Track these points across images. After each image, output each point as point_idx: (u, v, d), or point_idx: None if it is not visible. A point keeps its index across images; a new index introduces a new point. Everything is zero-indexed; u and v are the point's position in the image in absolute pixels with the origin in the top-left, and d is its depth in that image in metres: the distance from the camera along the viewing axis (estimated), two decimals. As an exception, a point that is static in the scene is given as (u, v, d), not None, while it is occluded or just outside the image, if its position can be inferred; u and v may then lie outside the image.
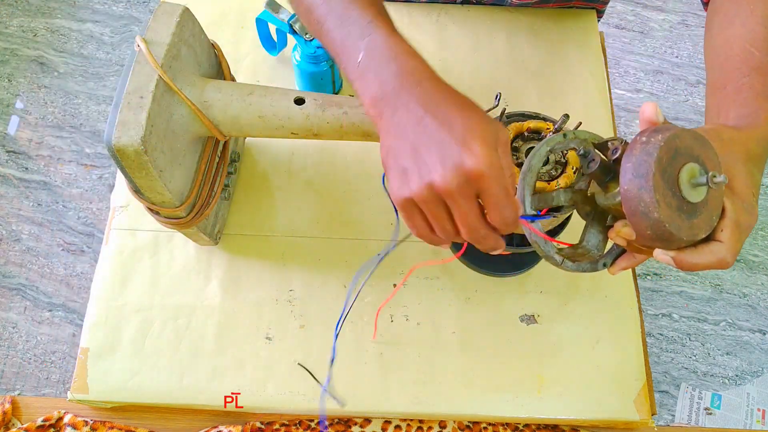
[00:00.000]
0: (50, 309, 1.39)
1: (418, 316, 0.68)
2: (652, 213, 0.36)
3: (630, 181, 0.37)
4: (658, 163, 0.36)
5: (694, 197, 0.38)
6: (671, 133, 0.38)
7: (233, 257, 0.70)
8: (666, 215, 0.36)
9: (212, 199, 0.63)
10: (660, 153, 0.37)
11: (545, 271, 0.70)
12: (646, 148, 0.37)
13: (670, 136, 0.37)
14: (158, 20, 0.54)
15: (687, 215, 0.38)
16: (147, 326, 0.67)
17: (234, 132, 0.57)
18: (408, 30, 0.84)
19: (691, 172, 0.38)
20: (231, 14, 0.85)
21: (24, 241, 1.46)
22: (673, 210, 0.37)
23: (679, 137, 0.38)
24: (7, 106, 1.61)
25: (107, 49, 1.70)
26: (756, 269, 1.48)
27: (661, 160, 0.37)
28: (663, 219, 0.36)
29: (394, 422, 0.65)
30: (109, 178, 1.53)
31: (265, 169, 0.75)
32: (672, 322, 1.42)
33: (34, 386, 1.32)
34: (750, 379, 1.37)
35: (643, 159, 0.37)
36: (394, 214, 0.73)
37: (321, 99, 0.55)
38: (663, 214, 0.36)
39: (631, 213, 0.38)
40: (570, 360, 0.66)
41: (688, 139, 0.38)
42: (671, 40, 1.77)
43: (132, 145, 0.49)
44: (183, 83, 0.54)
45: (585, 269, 0.46)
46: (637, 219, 0.37)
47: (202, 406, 0.64)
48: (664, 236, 0.37)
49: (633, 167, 0.37)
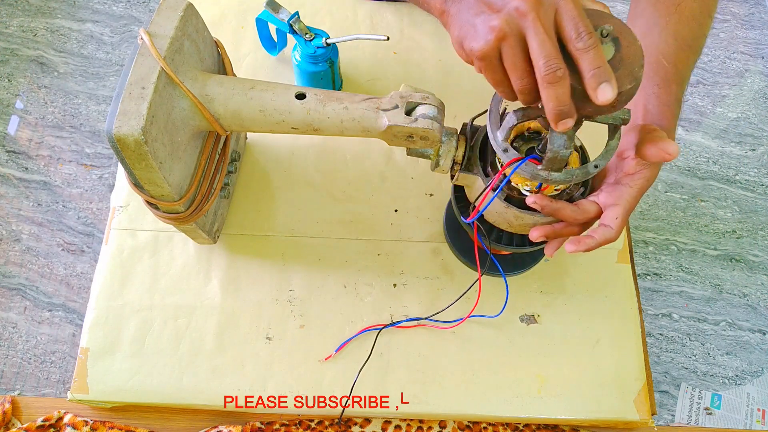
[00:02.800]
0: (50, 309, 1.39)
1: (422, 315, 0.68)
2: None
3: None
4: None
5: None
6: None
7: (233, 257, 0.70)
8: (574, 79, 0.40)
9: (211, 196, 0.63)
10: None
11: (545, 271, 0.71)
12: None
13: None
14: (162, 14, 0.54)
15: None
16: (147, 326, 0.67)
17: (235, 126, 0.57)
18: (408, 30, 0.84)
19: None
20: (231, 14, 0.85)
21: (24, 241, 1.46)
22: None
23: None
24: (7, 106, 1.61)
25: (107, 49, 1.70)
26: (756, 269, 1.48)
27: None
28: (573, 83, 0.40)
29: (394, 422, 0.65)
30: (109, 178, 1.53)
31: (266, 169, 0.75)
32: (672, 322, 1.42)
33: (34, 386, 1.32)
34: (750, 379, 1.37)
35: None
36: (394, 214, 0.73)
37: (322, 94, 0.55)
38: (572, 79, 0.40)
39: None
40: (570, 360, 0.66)
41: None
42: (671, 40, 1.77)
43: (132, 135, 0.49)
44: (185, 76, 0.54)
45: (575, 175, 0.48)
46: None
47: (202, 406, 0.64)
48: (583, 97, 0.40)
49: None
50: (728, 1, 1.85)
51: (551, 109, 0.41)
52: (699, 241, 1.51)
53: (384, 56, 0.83)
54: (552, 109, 0.41)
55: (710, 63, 1.75)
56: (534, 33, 0.40)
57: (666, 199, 1.56)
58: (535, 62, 0.40)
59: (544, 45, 0.39)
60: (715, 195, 1.57)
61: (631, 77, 0.41)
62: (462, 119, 0.59)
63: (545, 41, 0.39)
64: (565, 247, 0.51)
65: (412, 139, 0.53)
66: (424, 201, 0.74)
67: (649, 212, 1.54)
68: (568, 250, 0.50)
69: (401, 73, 0.82)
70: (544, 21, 0.39)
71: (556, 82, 0.40)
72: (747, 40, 1.79)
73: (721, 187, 1.58)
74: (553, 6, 0.40)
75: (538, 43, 0.40)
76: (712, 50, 1.76)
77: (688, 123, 1.65)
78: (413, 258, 0.71)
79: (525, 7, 0.39)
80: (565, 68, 0.40)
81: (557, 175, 0.47)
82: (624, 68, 0.41)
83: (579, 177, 0.48)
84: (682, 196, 1.56)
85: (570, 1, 0.40)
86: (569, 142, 0.45)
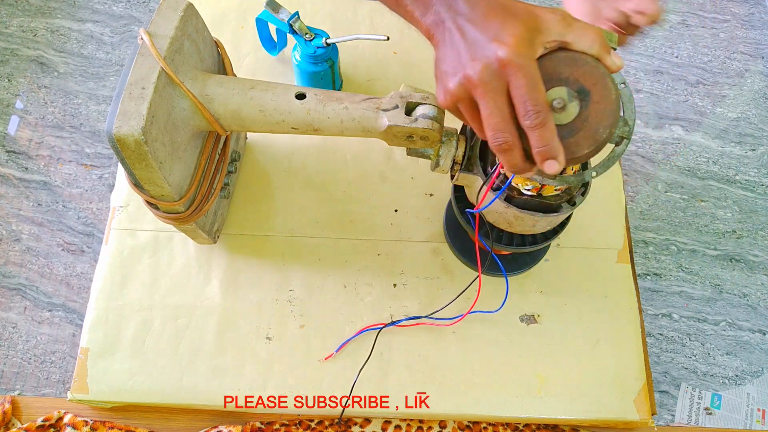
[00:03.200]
0: (50, 309, 1.39)
1: (422, 318, 0.67)
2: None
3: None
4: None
5: (562, 118, 0.39)
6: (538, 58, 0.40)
7: (233, 257, 0.70)
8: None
9: (211, 196, 0.63)
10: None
11: (545, 271, 0.71)
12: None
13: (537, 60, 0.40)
14: (162, 14, 0.54)
15: (561, 138, 0.39)
16: (147, 326, 0.67)
17: (235, 126, 0.57)
18: (408, 30, 0.84)
19: (556, 92, 0.39)
20: (231, 14, 0.85)
21: (24, 241, 1.46)
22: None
23: (543, 62, 0.40)
24: (7, 106, 1.61)
25: (107, 49, 1.70)
26: (756, 269, 1.48)
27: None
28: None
29: (394, 422, 0.65)
30: (109, 178, 1.53)
31: (266, 169, 0.75)
32: (672, 322, 1.42)
33: (34, 386, 1.32)
34: (750, 379, 1.37)
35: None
36: (394, 214, 0.73)
37: (322, 94, 0.55)
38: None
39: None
40: (570, 360, 0.66)
41: (556, 61, 0.40)
42: (671, 40, 1.77)
43: (132, 135, 0.49)
44: (185, 76, 0.54)
45: (571, 182, 0.47)
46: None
47: (202, 406, 0.64)
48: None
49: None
50: (728, 1, 1.85)
51: (507, 169, 0.43)
52: (699, 241, 1.51)
53: (384, 56, 0.83)
54: (508, 169, 0.43)
55: (710, 63, 1.75)
56: (483, 105, 0.40)
57: (666, 199, 1.56)
58: (485, 131, 0.41)
59: (492, 117, 0.40)
60: (715, 195, 1.57)
61: (592, 140, 0.40)
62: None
63: (493, 114, 0.40)
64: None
65: (412, 139, 0.53)
66: (424, 201, 0.74)
67: (649, 212, 1.54)
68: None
69: (401, 73, 0.82)
70: (493, 94, 0.39)
71: (506, 152, 0.41)
72: (747, 40, 1.79)
73: (721, 187, 1.58)
74: (504, 79, 0.39)
75: (486, 115, 0.40)
76: (712, 50, 1.76)
77: (688, 123, 1.65)
78: (413, 258, 0.71)
79: (476, 79, 0.40)
80: (512, 138, 0.40)
81: (553, 182, 0.48)
82: (585, 130, 0.40)
83: (575, 183, 0.48)
84: (682, 196, 1.56)
85: (521, 73, 0.39)
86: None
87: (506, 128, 0.40)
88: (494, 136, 0.40)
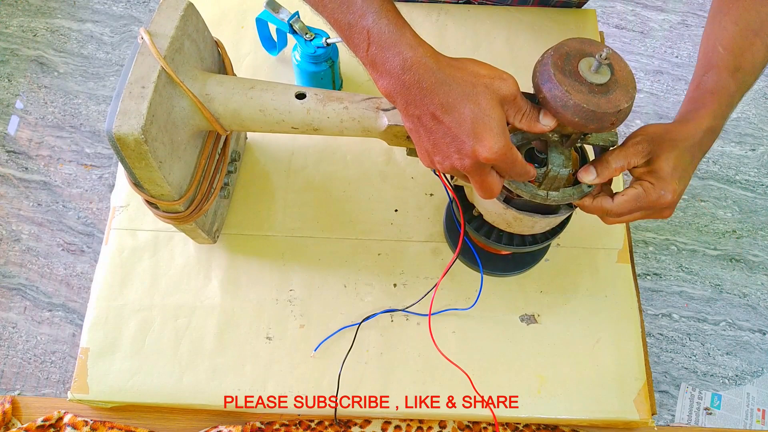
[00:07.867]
0: (50, 309, 1.39)
1: (418, 316, 0.68)
2: (568, 101, 0.44)
3: (542, 89, 0.45)
4: (554, 66, 0.45)
5: (599, 79, 0.45)
6: (558, 44, 0.46)
7: (233, 257, 0.70)
8: (580, 98, 0.44)
9: (211, 195, 0.63)
10: (553, 59, 0.45)
11: (545, 271, 0.70)
12: (543, 62, 0.46)
13: (556, 46, 0.46)
14: (162, 13, 0.54)
15: (602, 94, 0.45)
16: (147, 326, 0.67)
17: (235, 126, 0.57)
18: (408, 30, 0.84)
19: (587, 63, 0.46)
20: (231, 14, 0.85)
21: (24, 241, 1.46)
22: (584, 94, 0.44)
23: (565, 44, 0.46)
24: (7, 106, 1.61)
25: (107, 49, 1.70)
26: (756, 269, 1.48)
27: (557, 64, 0.45)
28: (579, 101, 0.44)
29: (394, 422, 0.65)
30: (109, 178, 1.53)
31: (266, 169, 0.75)
32: (672, 322, 1.42)
33: (34, 386, 1.32)
34: (750, 379, 1.37)
35: (543, 69, 0.45)
36: (394, 214, 0.73)
37: (322, 94, 0.55)
38: (576, 98, 0.44)
39: (556, 111, 0.45)
40: (570, 360, 0.66)
41: (575, 43, 0.47)
42: (671, 40, 1.77)
43: (132, 134, 0.49)
44: (185, 76, 0.54)
45: (570, 195, 0.51)
46: (562, 112, 0.44)
47: (202, 406, 0.64)
48: (589, 116, 0.44)
49: (540, 79, 0.46)
50: (728, 1, 1.85)
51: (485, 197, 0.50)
52: (699, 241, 1.51)
53: (384, 56, 0.83)
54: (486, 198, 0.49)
55: (710, 63, 1.75)
56: (473, 181, 0.47)
57: (666, 199, 1.56)
58: (477, 192, 0.48)
59: (482, 190, 0.47)
60: (715, 195, 1.57)
61: (627, 96, 0.45)
62: (462, 119, 0.59)
63: (482, 187, 0.47)
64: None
65: (411, 139, 0.53)
66: (424, 201, 0.74)
67: (649, 212, 1.54)
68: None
69: (401, 73, 0.82)
70: (480, 177, 0.46)
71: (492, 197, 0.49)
72: (747, 40, 1.79)
73: (721, 187, 1.58)
74: (489, 164, 0.45)
75: (477, 188, 0.47)
76: (712, 50, 1.76)
77: (688, 123, 1.65)
78: (413, 258, 0.71)
79: (464, 169, 0.45)
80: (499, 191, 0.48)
81: (555, 194, 0.50)
82: (620, 89, 0.45)
83: (575, 196, 0.51)
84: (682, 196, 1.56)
85: (502, 162, 0.44)
86: (567, 161, 0.49)
87: (496, 191, 0.47)
88: (485, 197, 0.48)
